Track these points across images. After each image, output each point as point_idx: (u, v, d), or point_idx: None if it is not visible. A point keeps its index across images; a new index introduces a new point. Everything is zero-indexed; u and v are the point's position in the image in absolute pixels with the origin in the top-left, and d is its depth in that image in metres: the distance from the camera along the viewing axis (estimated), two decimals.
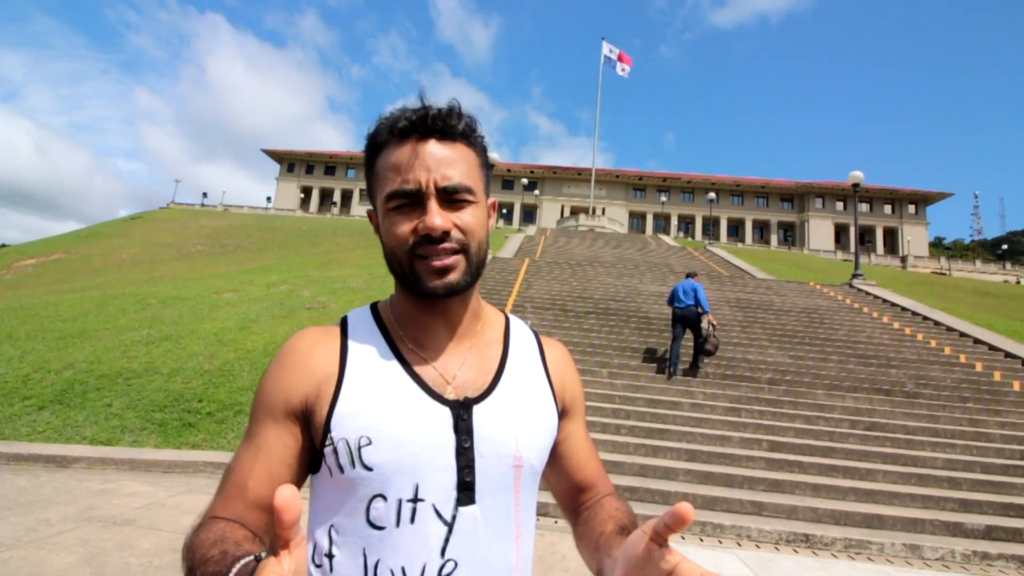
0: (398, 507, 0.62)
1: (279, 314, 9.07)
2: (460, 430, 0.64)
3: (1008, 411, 7.02)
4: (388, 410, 0.63)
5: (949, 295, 24.09)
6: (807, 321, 10.71)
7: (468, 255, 0.66)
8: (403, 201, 0.65)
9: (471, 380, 0.68)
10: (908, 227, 56.55)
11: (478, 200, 0.67)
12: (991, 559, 4.26)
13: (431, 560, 0.61)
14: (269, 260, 23.33)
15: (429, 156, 0.65)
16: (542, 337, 0.80)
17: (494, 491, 0.65)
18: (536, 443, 0.68)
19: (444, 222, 0.64)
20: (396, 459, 0.62)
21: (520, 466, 0.66)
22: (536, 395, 0.71)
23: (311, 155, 64.40)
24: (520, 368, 0.72)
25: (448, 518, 0.63)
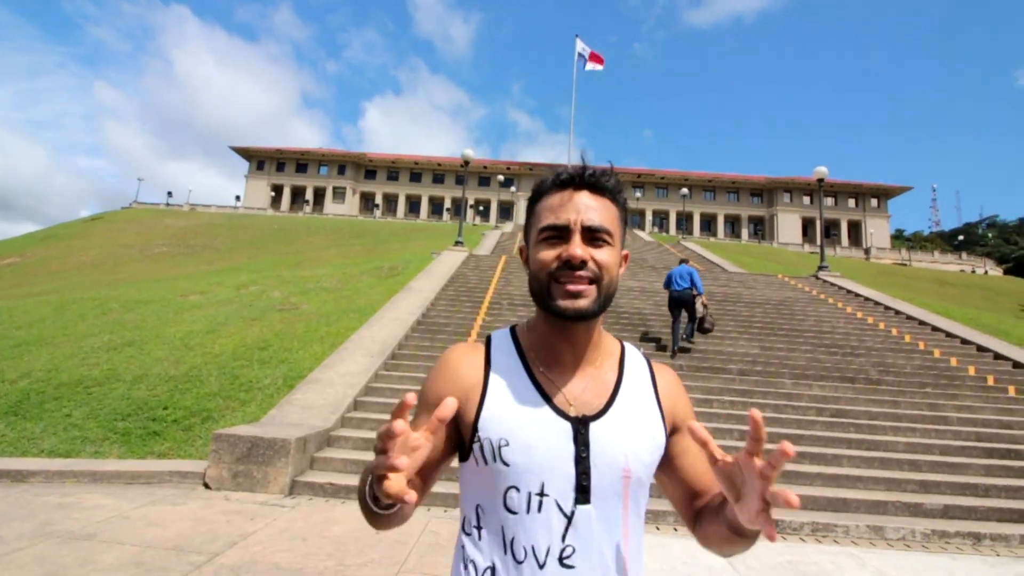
0: (528, 498, 0.76)
1: (249, 316, 8.86)
2: (578, 442, 0.77)
3: (964, 395, 7.33)
4: (522, 420, 0.78)
5: (910, 285, 25.02)
6: (776, 313, 10.98)
7: (600, 287, 0.79)
8: (552, 234, 0.79)
9: (590, 400, 0.81)
10: (871, 220, 58.47)
11: (615, 244, 0.81)
12: (949, 536, 4.45)
13: (554, 543, 0.75)
14: (239, 260, 22.77)
15: (580, 201, 0.80)
16: (654, 364, 0.91)
17: (606, 495, 0.77)
18: (643, 458, 0.80)
19: (584, 253, 0.77)
20: (527, 460, 0.76)
21: (629, 477, 0.78)
22: (645, 416, 0.83)
23: (281, 152, 62.96)
24: (632, 392, 0.84)
25: (568, 512, 0.76)
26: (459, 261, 14.12)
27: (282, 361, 6.85)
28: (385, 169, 64.84)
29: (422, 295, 10.17)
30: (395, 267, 13.19)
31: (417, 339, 8.06)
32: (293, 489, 4.47)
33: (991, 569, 3.90)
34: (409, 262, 14.03)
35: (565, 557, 0.75)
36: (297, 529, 3.70)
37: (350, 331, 7.80)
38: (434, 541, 3.62)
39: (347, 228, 36.65)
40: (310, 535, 3.60)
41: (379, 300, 9.73)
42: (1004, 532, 4.47)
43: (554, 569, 0.75)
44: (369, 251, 21.03)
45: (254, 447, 4.49)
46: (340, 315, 8.78)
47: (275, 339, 7.61)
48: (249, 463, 4.48)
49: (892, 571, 3.71)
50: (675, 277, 8.18)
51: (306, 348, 7.22)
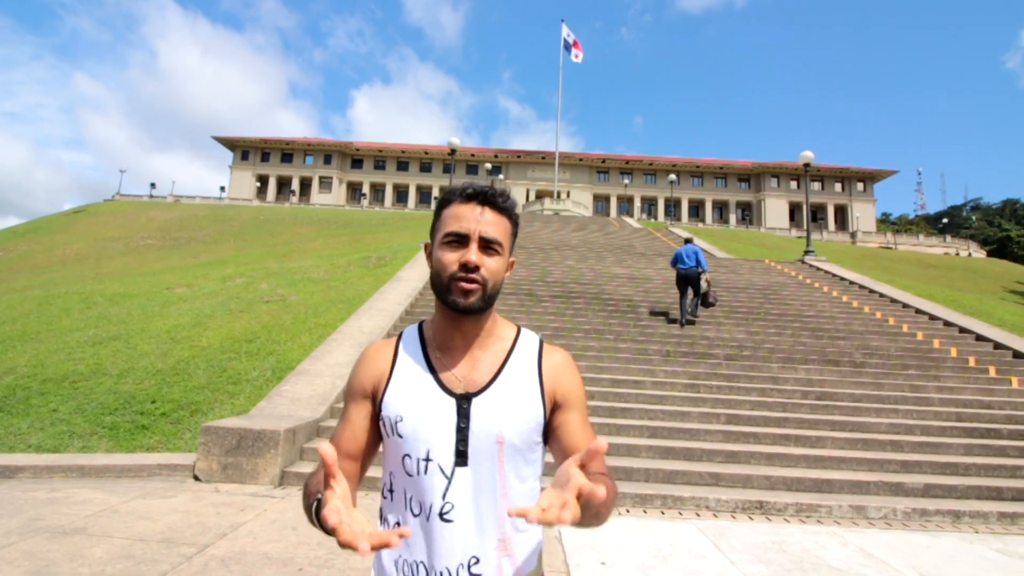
0: (417, 463, 0.90)
1: (236, 308, 8.79)
2: (461, 415, 0.91)
3: (946, 376, 7.49)
4: (414, 398, 0.93)
5: (895, 268, 25.36)
6: (762, 298, 11.09)
7: (486, 288, 0.92)
8: (454, 239, 0.92)
9: (476, 379, 0.94)
10: (857, 204, 58.99)
11: (503, 254, 0.95)
12: (929, 515, 4.57)
13: (436, 500, 0.89)
14: (225, 252, 22.51)
15: (479, 215, 0.93)
16: (546, 345, 1.02)
17: (481, 459, 0.89)
18: (517, 427, 0.91)
19: (478, 259, 0.91)
20: (415, 431, 0.90)
21: (502, 443, 0.90)
22: (524, 391, 0.94)
23: (266, 142, 62.02)
24: (516, 370, 0.96)
25: (448, 474, 0.89)
26: None
27: (270, 353, 6.82)
28: (372, 158, 64.16)
29: (410, 285, 10.14)
30: (383, 257, 13.12)
31: None
32: (283, 480, 4.48)
33: (969, 546, 4.01)
34: (397, 252, 13.95)
35: (445, 512, 0.89)
36: (287, 519, 3.71)
37: (338, 322, 7.77)
38: None
39: (334, 218, 36.31)
40: (300, 525, 3.61)
41: (367, 290, 9.69)
42: (982, 510, 4.60)
43: (436, 522, 0.89)
44: (357, 241, 20.87)
45: (243, 439, 4.48)
46: (328, 306, 8.73)
47: (263, 331, 7.56)
48: (238, 455, 4.47)
49: (873, 549, 3.81)
50: (683, 256, 8.84)
51: (294, 340, 7.18)
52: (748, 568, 3.37)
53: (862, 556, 3.67)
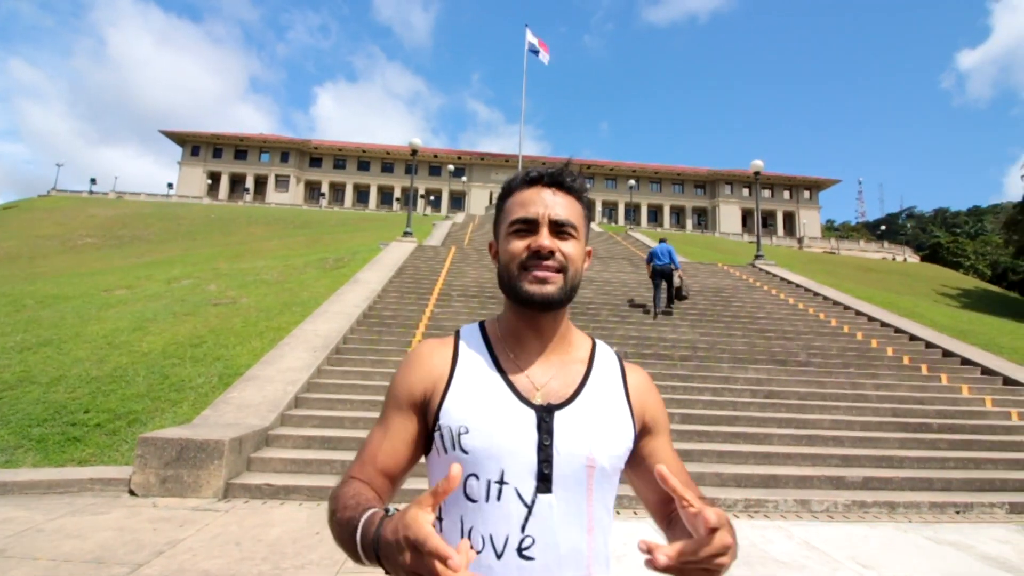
0: (487, 486, 0.76)
1: (181, 311, 8.38)
2: (542, 430, 0.77)
3: (883, 374, 7.91)
4: (484, 407, 0.79)
5: (838, 272, 26.71)
6: (716, 300, 11.45)
7: (566, 276, 0.81)
8: (522, 227, 0.82)
9: (556, 390, 0.82)
10: (804, 211, 61.84)
11: (579, 238, 0.84)
12: (867, 506, 4.80)
13: (513, 533, 0.74)
14: (172, 252, 21.49)
15: (547, 197, 0.83)
16: (626, 363, 0.92)
17: (568, 485, 0.76)
18: (609, 450, 0.79)
19: (551, 244, 0.81)
20: (486, 447, 0.76)
21: (593, 467, 0.78)
22: (613, 409, 0.83)
23: (218, 137, 59.62)
24: (601, 385, 0.85)
25: (528, 501, 0.75)
26: (408, 252, 13.88)
27: (217, 358, 6.53)
28: (331, 157, 62.69)
29: (369, 287, 9.94)
30: (341, 258, 12.81)
31: (363, 332, 7.87)
32: (228, 492, 4.28)
33: (903, 535, 4.23)
34: (356, 253, 13.66)
35: (524, 548, 0.74)
36: (231, 534, 3.54)
37: (292, 325, 7.52)
38: None
39: (291, 218, 35.28)
40: (244, 539, 3.45)
41: (323, 293, 9.43)
42: (915, 500, 4.87)
43: (512, 559, 0.74)
44: (314, 242, 20.33)
45: (184, 450, 4.25)
46: (282, 309, 8.44)
47: (210, 335, 7.23)
48: (179, 467, 4.24)
49: (816, 541, 3.97)
50: (658, 253, 9.77)
51: (244, 344, 6.90)
52: None
53: (806, 548, 3.81)
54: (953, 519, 4.69)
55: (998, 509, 4.91)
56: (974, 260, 51.49)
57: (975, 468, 5.65)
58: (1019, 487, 5.30)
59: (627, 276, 13.33)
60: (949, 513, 4.82)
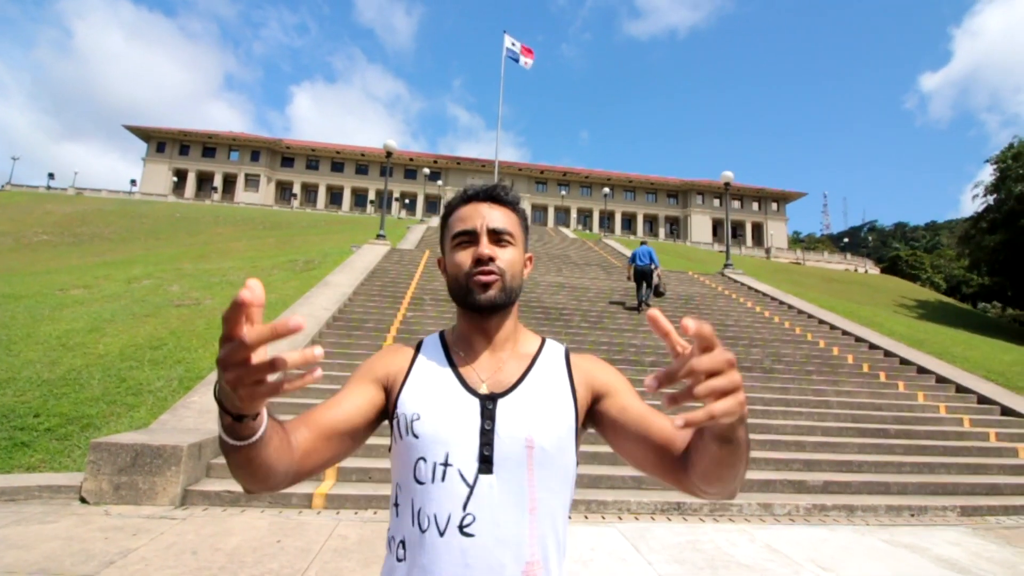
0: (433, 468, 0.81)
1: (141, 313, 8.07)
2: (485, 416, 0.83)
3: (844, 381, 8.16)
4: (434, 396, 0.86)
5: (803, 282, 27.53)
6: (685, 307, 11.65)
7: (505, 280, 0.88)
8: (464, 239, 0.90)
9: (501, 380, 0.88)
10: (771, 222, 63.66)
11: (517, 245, 0.92)
12: (827, 510, 4.93)
13: (455, 511, 0.79)
14: (134, 252, 20.74)
15: (484, 210, 0.91)
16: (576, 353, 0.97)
17: (509, 466, 0.81)
18: (549, 431, 0.83)
19: (491, 251, 0.88)
20: (434, 431, 0.82)
21: (532, 447, 0.81)
22: (554, 393, 0.88)
23: (186, 134, 58.00)
24: (544, 374, 0.90)
25: (470, 481, 0.80)
26: (381, 255, 13.72)
27: (178, 361, 6.31)
28: (304, 157, 61.65)
29: (339, 290, 9.77)
30: (311, 260, 12.57)
31: (333, 336, 7.72)
32: (185, 499, 4.12)
33: (861, 537, 4.36)
34: (327, 255, 13.43)
35: (465, 525, 0.79)
36: (187, 543, 3.41)
37: None
38: (341, 546, 3.47)
39: (260, 219, 34.48)
40: (201, 548, 3.32)
41: (292, 295, 9.23)
42: (873, 503, 5.02)
43: (454, 537, 0.79)
44: (284, 243, 19.91)
45: (140, 455, 4.08)
46: None
47: (171, 337, 6.99)
48: (134, 474, 4.07)
49: (778, 544, 4.05)
50: (639, 255, 10.75)
51: (206, 347, 6.68)
52: (664, 568, 3.47)
53: (768, 552, 3.89)
54: (908, 522, 4.86)
55: (950, 512, 5.11)
56: (931, 273, 53.79)
57: (929, 472, 5.87)
58: (970, 491, 5.53)
59: (600, 283, 13.46)
60: (905, 516, 4.99)
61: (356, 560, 3.26)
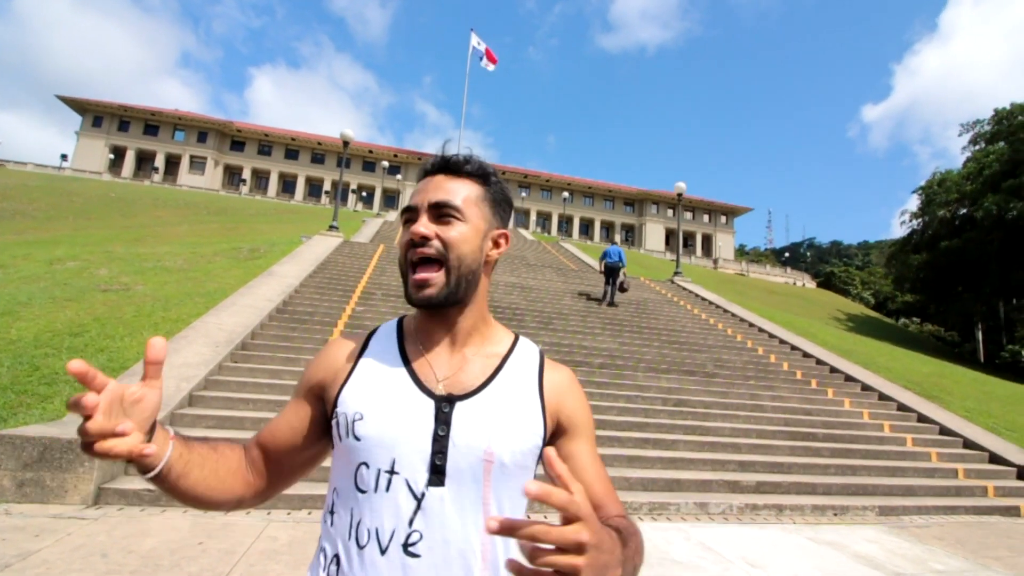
0: (377, 475, 0.72)
1: (62, 296, 7.48)
2: (439, 420, 0.73)
3: (778, 386, 8.54)
4: (381, 394, 0.76)
5: (746, 292, 28.78)
6: (635, 312, 11.91)
7: (448, 267, 0.76)
8: (409, 216, 0.80)
9: (462, 381, 0.77)
10: (720, 234, 66.22)
11: (467, 220, 0.78)
12: (759, 509, 5.12)
13: (400, 527, 0.70)
14: (60, 231, 19.26)
15: (432, 183, 0.81)
16: (550, 360, 0.86)
17: (463, 479, 0.71)
18: (511, 445, 0.73)
19: (427, 230, 0.76)
20: (378, 434, 0.73)
21: (491, 461, 0.72)
22: (522, 403, 0.77)
23: (126, 109, 54.44)
24: (513, 378, 0.80)
25: (418, 493, 0.71)
26: (332, 247, 13.30)
27: (100, 350, 5.87)
28: (256, 142, 59.11)
29: (285, 281, 9.39)
30: (257, 249, 12.04)
31: (275, 328, 7.40)
32: (99, 498, 3.82)
33: (788, 535, 4.55)
34: (275, 245, 12.91)
35: (410, 544, 0.69)
36: (97, 544, 3.15)
37: (193, 317, 6.92)
38: (270, 548, 3.30)
39: (205, 203, 32.82)
40: (112, 550, 3.08)
41: (233, 284, 8.79)
42: (800, 503, 5.27)
43: (396, 555, 0.69)
44: (229, 230, 19.00)
45: (48, 450, 3.76)
46: (183, 299, 7.76)
47: (94, 324, 6.50)
48: (40, 469, 3.74)
49: (711, 542, 4.17)
50: (610, 253, 11.81)
51: (134, 335, 6.26)
52: None
53: (701, 549, 3.99)
54: (831, 521, 5.12)
55: (869, 512, 5.43)
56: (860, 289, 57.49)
57: (852, 474, 6.22)
58: (888, 492, 5.90)
59: (555, 284, 13.57)
60: (828, 515, 5.26)
61: (285, 563, 3.11)
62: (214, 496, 0.75)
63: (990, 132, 30.39)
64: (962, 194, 29.71)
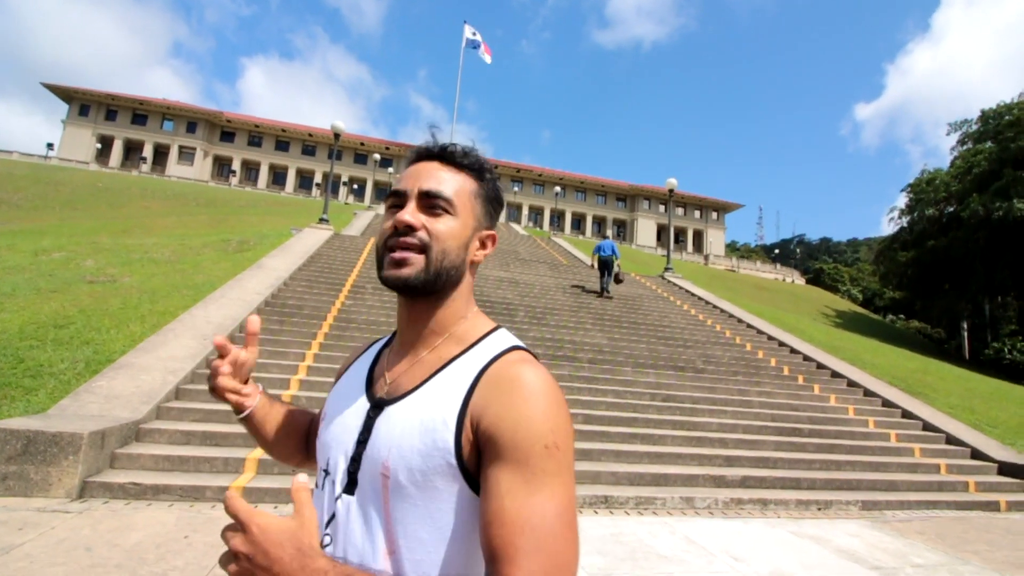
0: (320, 475, 0.75)
1: (47, 287, 7.38)
2: (366, 425, 0.71)
3: (766, 382, 8.64)
4: (339, 396, 0.78)
5: (736, 288, 28.96)
6: (625, 307, 11.97)
7: (429, 256, 0.71)
8: (395, 201, 0.75)
9: (401, 384, 0.73)
10: (711, 230, 66.55)
11: (457, 215, 0.74)
12: (744, 503, 5.19)
13: (322, 528, 0.70)
14: (46, 221, 18.98)
15: (425, 170, 0.75)
16: (511, 356, 0.70)
17: (368, 492, 0.68)
18: (408, 458, 0.65)
19: (413, 219, 0.71)
20: (324, 436, 0.75)
21: (387, 476, 0.65)
22: (434, 415, 0.67)
23: (114, 97, 53.57)
24: (445, 384, 0.69)
25: (334, 498, 0.71)
26: (322, 240, 13.22)
27: (86, 342, 5.81)
28: (246, 133, 58.44)
29: (274, 274, 9.33)
30: (246, 241, 11.94)
31: (263, 322, 7.36)
32: (84, 492, 3.80)
33: (772, 530, 4.62)
34: (264, 237, 12.80)
35: (324, 547, 0.68)
36: (81, 538, 3.13)
37: (180, 310, 6.87)
38: None
39: (194, 194, 32.47)
40: (97, 544, 3.06)
41: (222, 277, 8.72)
42: (784, 498, 5.34)
43: None
44: (218, 222, 18.81)
45: (32, 443, 3.72)
46: (170, 291, 7.69)
47: (79, 316, 6.43)
48: (24, 463, 3.71)
49: (696, 536, 4.22)
50: (603, 247, 12.50)
51: (120, 328, 6.20)
52: (585, 560, 3.53)
53: (686, 543, 4.04)
54: (815, 515, 5.20)
55: (852, 506, 5.51)
56: (849, 286, 58.03)
57: (836, 469, 6.31)
58: (871, 487, 5.99)
59: (546, 279, 13.58)
60: (812, 510, 5.34)
61: None
62: (280, 448, 0.92)
63: (978, 132, 30.73)
64: (950, 193, 30.06)
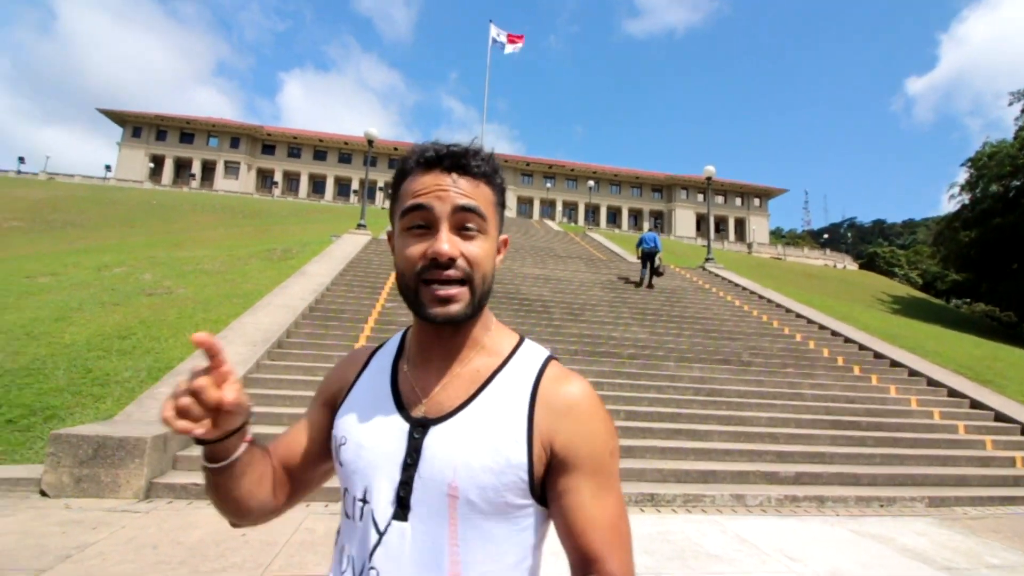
0: (353, 503, 0.69)
1: (110, 301, 7.85)
2: (411, 447, 0.67)
3: (819, 374, 8.28)
4: (364, 417, 0.72)
5: (782, 277, 27.90)
6: (665, 300, 11.72)
7: (472, 286, 0.68)
8: (419, 222, 0.68)
9: (441, 402, 0.70)
10: (753, 218, 64.37)
11: (488, 233, 0.71)
12: (798, 501, 4.99)
13: (364, 560, 0.66)
14: (108, 239, 20.20)
15: (448, 186, 0.69)
16: (554, 368, 0.73)
17: (427, 515, 0.65)
18: (480, 479, 0.64)
19: (452, 249, 0.67)
20: (355, 460, 0.70)
21: (455, 497, 0.64)
22: (501, 426, 0.67)
23: (163, 119, 56.52)
24: (498, 397, 0.69)
25: (381, 527, 0.66)
26: (361, 245, 13.54)
27: (147, 351, 6.15)
28: (285, 145, 60.56)
29: (316, 279, 9.61)
30: (289, 250, 12.36)
31: (308, 327, 7.60)
32: (150, 492, 4.02)
33: (830, 528, 4.42)
34: (306, 245, 13.22)
35: None
36: (148, 536, 3.32)
37: (231, 318, 7.17)
38: (307, 539, 3.41)
39: (240, 207, 33.86)
40: (162, 542, 3.24)
41: (268, 285, 9.06)
42: (843, 495, 5.10)
43: None
44: (262, 232, 19.57)
45: (102, 447, 3.96)
46: (221, 300, 8.05)
47: (140, 327, 6.80)
48: (96, 466, 3.95)
49: (748, 534, 4.09)
50: (646, 239, 12.67)
51: (177, 337, 6.53)
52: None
53: (737, 542, 3.92)
54: (877, 513, 4.95)
55: (918, 503, 5.22)
56: (907, 269, 54.98)
57: (899, 464, 5.98)
58: (938, 482, 5.65)
59: (583, 275, 13.47)
60: (874, 507, 5.08)
61: (322, 554, 3.20)
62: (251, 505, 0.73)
63: None
64: (1015, 167, 27.96)
